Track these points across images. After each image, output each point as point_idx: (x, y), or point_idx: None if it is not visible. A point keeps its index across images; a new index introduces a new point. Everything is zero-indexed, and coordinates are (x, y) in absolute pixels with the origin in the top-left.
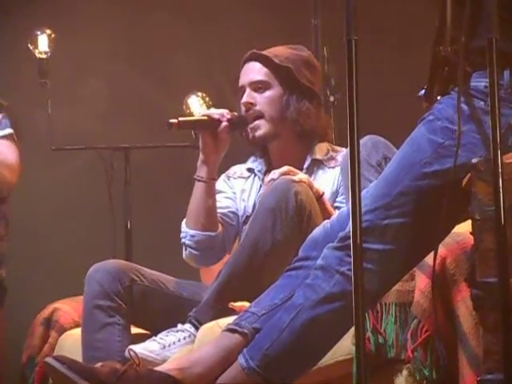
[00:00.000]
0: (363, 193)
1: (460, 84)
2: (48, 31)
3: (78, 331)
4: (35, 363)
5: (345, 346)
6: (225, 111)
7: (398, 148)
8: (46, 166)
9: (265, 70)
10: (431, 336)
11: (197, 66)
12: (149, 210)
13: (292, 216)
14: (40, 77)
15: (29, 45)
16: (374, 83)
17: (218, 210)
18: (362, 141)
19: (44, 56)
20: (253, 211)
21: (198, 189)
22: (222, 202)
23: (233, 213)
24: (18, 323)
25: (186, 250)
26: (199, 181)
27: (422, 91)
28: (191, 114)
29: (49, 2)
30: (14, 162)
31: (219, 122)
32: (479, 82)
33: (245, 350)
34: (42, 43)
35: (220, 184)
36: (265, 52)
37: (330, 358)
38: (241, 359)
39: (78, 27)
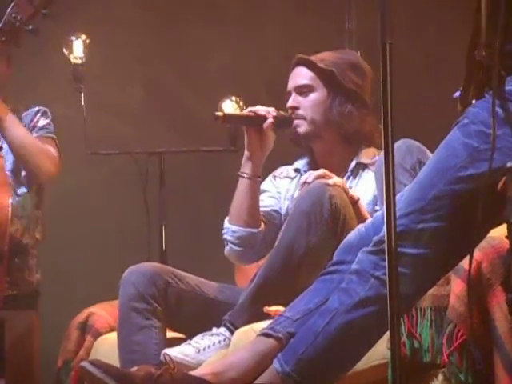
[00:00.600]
0: (397, 197)
1: (495, 88)
2: (83, 37)
3: (113, 335)
4: (70, 367)
5: (380, 351)
6: (271, 109)
7: (432, 152)
8: (82, 170)
9: (310, 74)
10: (467, 340)
11: (231, 70)
12: (183, 213)
13: (326, 219)
14: (75, 82)
15: (64, 50)
16: (408, 87)
17: (262, 209)
18: (396, 145)
19: (79, 61)
20: None
21: (242, 185)
22: (266, 201)
23: (276, 211)
24: (54, 327)
25: (227, 245)
26: (243, 177)
27: (458, 92)
28: None
29: (83, 7)
30: (56, 156)
31: (265, 118)
32: None
33: (279, 354)
34: (77, 49)
35: (266, 184)
36: (311, 57)
37: (365, 362)
38: (275, 364)
39: (112, 32)
